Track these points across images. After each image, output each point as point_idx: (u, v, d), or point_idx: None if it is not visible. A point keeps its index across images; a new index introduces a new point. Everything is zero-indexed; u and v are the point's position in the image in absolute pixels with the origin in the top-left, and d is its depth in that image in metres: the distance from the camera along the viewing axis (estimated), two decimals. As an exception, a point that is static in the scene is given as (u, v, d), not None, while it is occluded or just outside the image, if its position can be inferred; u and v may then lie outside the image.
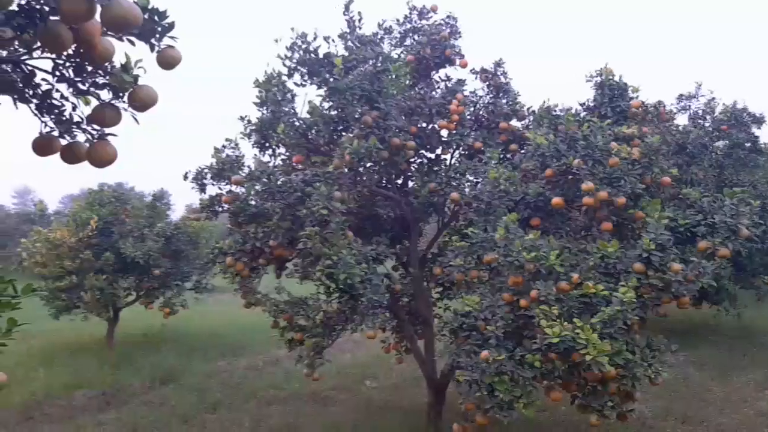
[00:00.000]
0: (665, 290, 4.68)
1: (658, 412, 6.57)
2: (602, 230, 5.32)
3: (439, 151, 6.99)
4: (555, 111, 6.77)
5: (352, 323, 5.79)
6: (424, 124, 6.78)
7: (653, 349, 4.85)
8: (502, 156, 6.54)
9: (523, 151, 6.44)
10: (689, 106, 11.65)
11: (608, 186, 5.28)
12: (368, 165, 6.19)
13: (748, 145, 11.20)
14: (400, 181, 6.88)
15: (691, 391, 7.41)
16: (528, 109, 7.05)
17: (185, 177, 6.22)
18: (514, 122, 7.01)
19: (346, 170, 5.84)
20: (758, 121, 11.21)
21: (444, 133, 6.82)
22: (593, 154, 5.47)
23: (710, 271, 4.64)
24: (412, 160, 6.67)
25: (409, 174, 6.84)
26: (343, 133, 6.18)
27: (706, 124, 11.39)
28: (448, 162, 7.01)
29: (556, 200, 5.47)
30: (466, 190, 6.38)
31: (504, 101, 7.13)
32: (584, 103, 7.23)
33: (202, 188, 6.18)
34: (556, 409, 5.80)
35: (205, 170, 6.14)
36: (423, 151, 6.92)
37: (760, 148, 11.44)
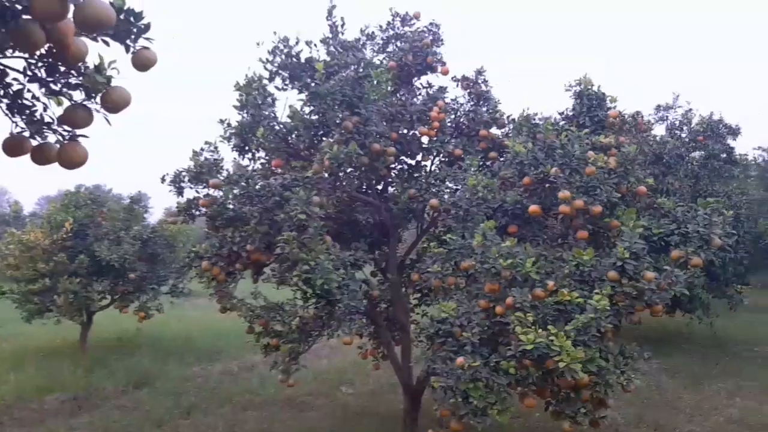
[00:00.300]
0: (638, 298, 4.74)
1: (630, 419, 6.65)
2: (578, 238, 5.38)
3: (419, 157, 7.01)
4: (534, 120, 6.84)
5: (329, 329, 5.77)
6: (405, 131, 6.80)
7: (626, 357, 4.91)
8: (481, 163, 6.58)
9: (502, 159, 6.49)
10: (666, 116, 11.87)
11: (585, 195, 5.34)
12: (348, 170, 6.19)
13: (723, 156, 11.44)
14: (380, 187, 6.89)
15: (663, 398, 7.51)
16: (508, 117, 7.12)
17: (163, 180, 6.16)
18: (494, 130, 7.07)
19: (325, 175, 5.83)
20: (734, 132, 11.46)
21: (425, 139, 6.84)
22: (570, 163, 5.53)
23: (683, 279, 4.72)
24: (392, 166, 6.68)
25: (389, 180, 6.85)
26: (324, 138, 6.17)
27: (683, 135, 11.60)
28: (428, 169, 7.04)
29: (533, 208, 5.52)
30: (446, 196, 6.40)
31: (484, 109, 7.18)
32: (563, 112, 7.34)
33: (180, 191, 6.13)
34: (530, 415, 5.84)
35: (183, 173, 6.09)
36: (403, 158, 6.93)
37: (735, 159, 11.69)
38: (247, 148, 6.35)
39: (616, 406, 6.69)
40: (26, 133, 2.36)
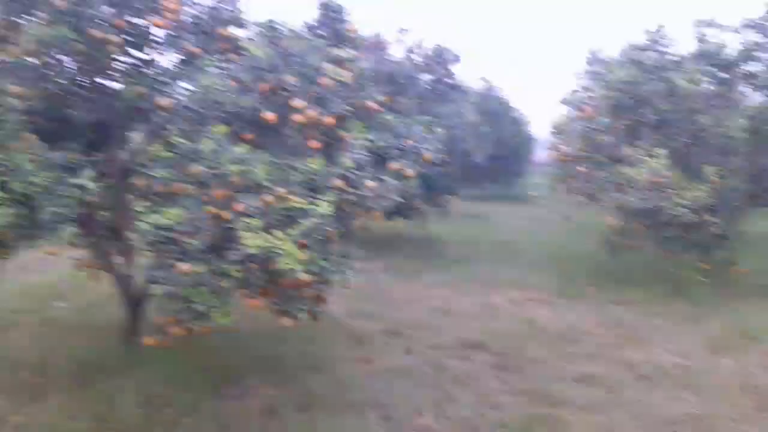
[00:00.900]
0: (360, 205, 5.17)
1: (349, 312, 7.42)
2: (311, 147, 5.57)
3: (151, 52, 6.37)
4: (278, 25, 6.68)
5: (31, 239, 5.13)
6: (136, 20, 6.07)
7: (346, 258, 5.36)
8: (219, 65, 6.27)
9: (240, 63, 6.27)
10: (403, 39, 12.67)
11: (318, 105, 5.50)
12: (60, 58, 5.36)
13: (447, 81, 12.79)
14: (101, 81, 6.12)
15: (380, 293, 8.50)
16: (251, 19, 6.82)
17: None
18: (236, 31, 6.73)
19: (30, 61, 4.98)
20: (456, 60, 12.82)
21: (159, 33, 6.21)
22: (307, 73, 5.60)
23: (398, 189, 5.26)
24: (117, 58, 5.96)
25: (113, 74, 6.12)
26: (26, 16, 5.20)
27: (417, 59, 12.58)
28: (160, 65, 6.45)
29: (268, 115, 5.51)
30: (178, 97, 6.00)
31: (226, 7, 6.76)
32: (308, 22, 7.31)
33: None
34: (260, 317, 6.09)
35: None
36: (131, 50, 6.22)
37: (456, 85, 13.17)
38: None
39: (339, 302, 7.34)
40: None
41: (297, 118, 5.38)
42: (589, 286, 9.19)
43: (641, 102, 9.06)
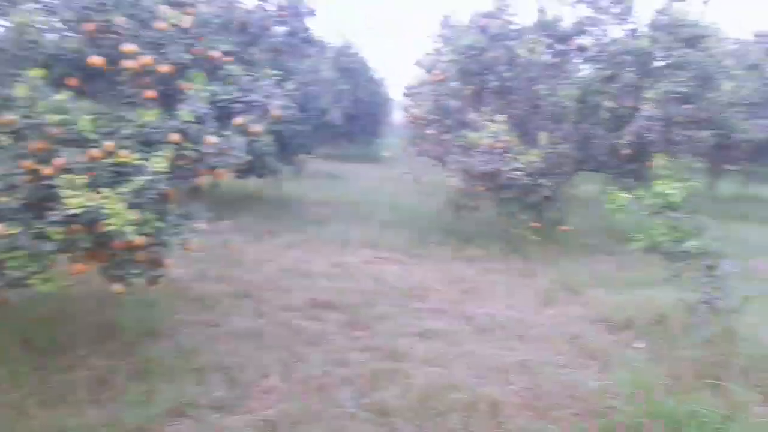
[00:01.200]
0: (201, 161, 4.85)
1: (195, 275, 7.06)
2: (145, 98, 5.10)
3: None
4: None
5: None
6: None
7: (187, 218, 5.04)
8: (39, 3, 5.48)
9: (61, -2, 5.52)
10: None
11: (153, 52, 5.02)
12: None
13: (302, 35, 12.37)
14: None
15: (230, 254, 8.19)
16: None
17: None
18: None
19: None
20: (311, 14, 12.42)
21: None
22: (140, 15, 5.08)
23: (244, 146, 5.00)
24: None
25: None
26: None
27: (270, 9, 11.99)
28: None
29: (95, 59, 4.94)
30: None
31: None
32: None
33: None
34: (92, 280, 5.58)
35: None
36: None
37: (311, 39, 12.80)
38: None
39: (184, 265, 6.97)
40: None
41: (128, 64, 4.88)
42: (436, 244, 9.59)
43: (486, 68, 9.49)
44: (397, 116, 24.52)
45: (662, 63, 9.47)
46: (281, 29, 11.73)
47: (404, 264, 8.57)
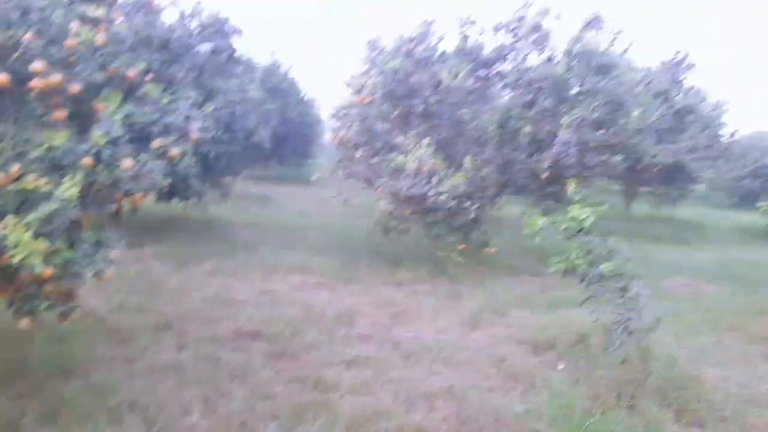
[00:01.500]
0: (116, 186, 4.60)
1: (113, 306, 6.68)
2: (55, 119, 4.80)
3: None
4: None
5: None
6: None
7: (102, 246, 4.75)
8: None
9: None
10: (178, 2, 11.69)
11: (64, 70, 4.75)
12: None
13: (227, 54, 12.15)
14: None
15: (151, 283, 7.82)
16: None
17: None
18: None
19: None
20: (237, 32, 12.25)
21: None
22: (49, 31, 4.80)
23: (162, 169, 4.78)
24: None
25: None
26: None
27: (193, 26, 11.72)
28: None
29: (0, 77, 4.61)
30: None
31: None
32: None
33: None
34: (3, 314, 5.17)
35: None
36: None
37: (237, 58, 12.60)
38: None
39: (100, 296, 6.61)
40: None
41: (36, 83, 4.58)
42: (366, 268, 9.56)
43: (411, 92, 9.64)
44: (328, 137, 24.53)
45: (577, 90, 9.94)
46: (205, 48, 11.49)
47: (334, 289, 8.47)
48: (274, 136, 17.14)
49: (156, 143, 4.89)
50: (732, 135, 19.49)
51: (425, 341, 6.36)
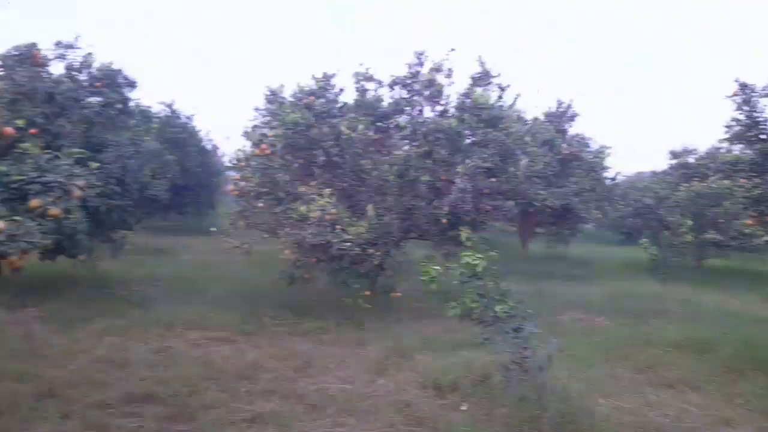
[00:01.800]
0: (-12, 250, 4.30)
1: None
2: None
3: None
4: None
5: None
6: None
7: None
8: None
9: None
10: (66, 55, 11.30)
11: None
12: None
13: (119, 106, 11.80)
14: None
15: (33, 347, 7.22)
16: None
17: None
18: None
19: None
20: (131, 84, 11.97)
21: None
22: None
23: (36, 229, 4.53)
24: None
25: None
26: None
27: (82, 78, 11.33)
28: None
29: None
30: None
31: None
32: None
33: None
34: None
35: None
36: None
37: (130, 110, 12.26)
38: None
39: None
40: None
41: None
42: (269, 319, 9.36)
43: (313, 143, 9.78)
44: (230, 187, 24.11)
45: (470, 141, 10.50)
46: (95, 100, 11.10)
47: (236, 343, 8.20)
48: (172, 187, 16.62)
49: (34, 202, 4.64)
50: (614, 178, 21.25)
51: (330, 392, 6.28)
